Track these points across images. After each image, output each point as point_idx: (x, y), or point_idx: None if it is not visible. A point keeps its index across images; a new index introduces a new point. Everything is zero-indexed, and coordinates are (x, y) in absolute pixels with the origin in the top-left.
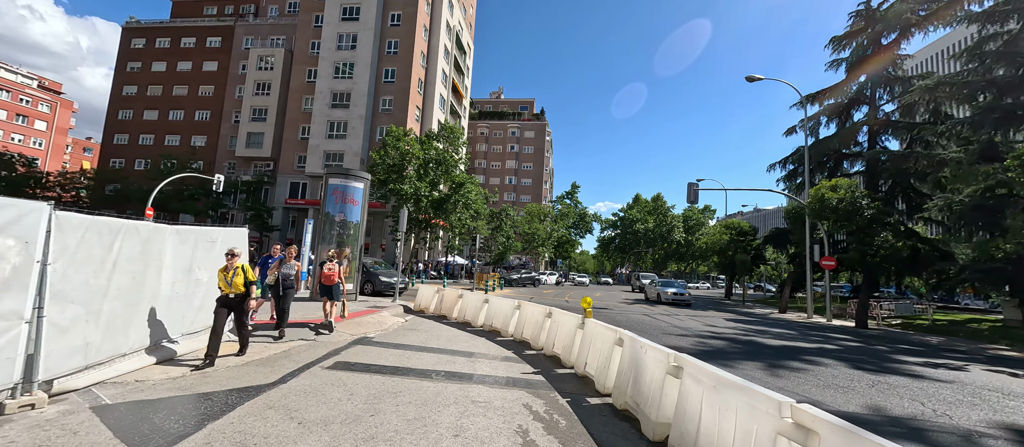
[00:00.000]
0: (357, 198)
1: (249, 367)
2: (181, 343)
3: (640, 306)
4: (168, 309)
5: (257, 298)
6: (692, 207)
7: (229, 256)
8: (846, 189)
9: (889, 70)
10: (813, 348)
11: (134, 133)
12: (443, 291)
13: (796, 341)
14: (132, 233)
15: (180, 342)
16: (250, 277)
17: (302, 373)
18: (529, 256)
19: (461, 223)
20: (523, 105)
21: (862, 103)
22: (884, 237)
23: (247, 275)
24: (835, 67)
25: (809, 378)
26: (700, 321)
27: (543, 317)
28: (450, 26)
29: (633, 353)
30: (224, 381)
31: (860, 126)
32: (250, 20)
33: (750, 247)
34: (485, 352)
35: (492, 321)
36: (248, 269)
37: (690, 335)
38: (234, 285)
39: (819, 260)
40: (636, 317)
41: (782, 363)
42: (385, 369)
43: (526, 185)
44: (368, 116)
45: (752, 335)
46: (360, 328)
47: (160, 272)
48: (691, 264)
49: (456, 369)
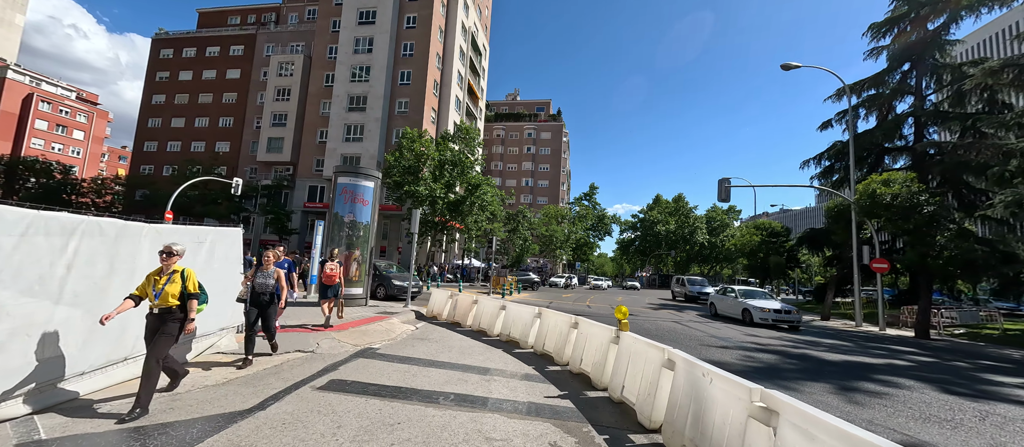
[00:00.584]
0: (367, 198)
1: (229, 387)
2: None
3: (669, 312)
4: (142, 319)
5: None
6: (715, 207)
7: (165, 255)
8: (901, 183)
9: (936, 57)
10: (881, 365)
11: (162, 140)
12: (457, 296)
13: (856, 355)
14: (93, 233)
15: None
16: (191, 288)
17: (287, 396)
18: (547, 258)
19: (477, 225)
20: (539, 106)
21: (906, 93)
22: (948, 237)
23: (187, 284)
24: (874, 56)
25: (897, 406)
26: (737, 329)
27: (568, 327)
28: (466, 28)
29: (691, 381)
30: (193, 406)
31: (905, 117)
32: (271, 28)
33: (783, 249)
34: (502, 368)
35: (510, 330)
36: (192, 277)
37: (732, 347)
38: (163, 296)
39: (869, 262)
40: (666, 325)
41: (854, 385)
42: (385, 390)
43: (543, 187)
44: (384, 119)
45: (802, 347)
46: (365, 337)
47: (132, 276)
48: (715, 267)
49: (468, 391)
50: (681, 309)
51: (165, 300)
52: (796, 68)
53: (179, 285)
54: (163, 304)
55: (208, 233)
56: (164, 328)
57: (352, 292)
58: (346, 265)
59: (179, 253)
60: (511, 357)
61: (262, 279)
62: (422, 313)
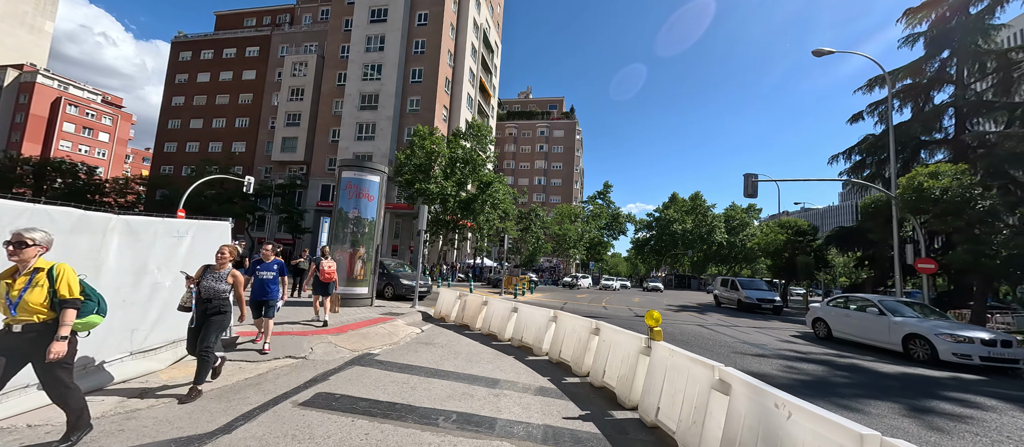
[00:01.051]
0: (372, 193)
1: (199, 402)
2: (127, 364)
3: (691, 314)
4: (109, 323)
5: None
6: (734, 206)
7: (13, 247)
8: (952, 176)
9: (978, 43)
10: (946, 379)
11: (181, 141)
12: (466, 297)
13: (912, 366)
14: (42, 224)
15: (126, 362)
16: (66, 292)
17: (261, 414)
18: (560, 258)
19: (489, 224)
20: (552, 104)
21: (945, 82)
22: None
23: (60, 288)
24: (910, 43)
25: (992, 435)
26: (767, 334)
27: (587, 334)
28: (477, 24)
29: (758, 414)
30: (148, 428)
31: (945, 108)
32: (285, 29)
33: (810, 248)
34: (513, 379)
35: (522, 335)
36: (70, 277)
37: (768, 355)
38: (22, 306)
39: (913, 262)
40: (690, 328)
41: (926, 404)
42: (377, 408)
43: (556, 185)
44: (396, 117)
45: (848, 356)
46: (365, 341)
47: (97, 275)
48: (734, 267)
49: (473, 409)
50: (702, 311)
51: (28, 311)
52: (829, 54)
53: (44, 292)
54: (25, 317)
55: (189, 226)
56: (40, 352)
57: (357, 292)
58: (350, 263)
59: (38, 244)
60: (523, 366)
61: (211, 282)
62: (430, 314)
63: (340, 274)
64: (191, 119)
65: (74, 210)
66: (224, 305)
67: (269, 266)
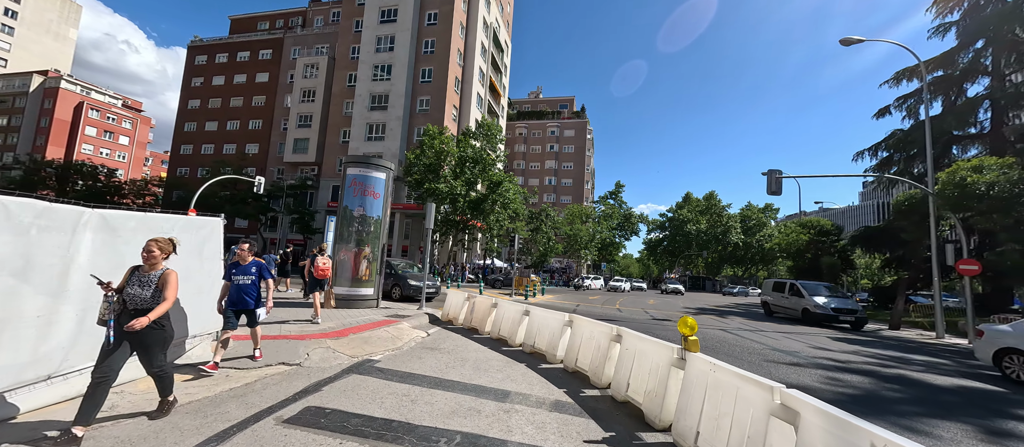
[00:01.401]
0: (378, 190)
1: (170, 420)
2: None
3: (710, 317)
4: (81, 326)
5: None
6: (751, 206)
7: None
8: (998, 170)
9: (1016, 32)
10: (1019, 398)
11: (197, 143)
12: (474, 298)
13: (969, 379)
14: None
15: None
16: None
17: (238, 434)
18: (571, 259)
19: (499, 224)
20: (562, 103)
21: (979, 74)
22: None
23: None
24: (941, 33)
25: None
26: (797, 339)
27: (607, 341)
28: (487, 23)
29: None
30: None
31: (981, 101)
32: (297, 31)
33: (834, 249)
34: (526, 391)
35: (535, 341)
36: None
37: (804, 364)
38: None
39: (954, 263)
40: (712, 332)
41: (1004, 427)
42: (370, 426)
43: (567, 186)
44: (405, 117)
45: (893, 364)
46: (366, 346)
47: (66, 275)
48: (751, 269)
49: (480, 430)
50: (723, 315)
51: None
52: (858, 42)
53: None
54: None
55: (174, 222)
56: None
57: (361, 292)
58: (355, 263)
59: None
60: (536, 375)
61: (135, 288)
62: (437, 317)
63: (345, 274)
64: (206, 121)
65: (37, 202)
66: (161, 318)
67: (246, 269)
